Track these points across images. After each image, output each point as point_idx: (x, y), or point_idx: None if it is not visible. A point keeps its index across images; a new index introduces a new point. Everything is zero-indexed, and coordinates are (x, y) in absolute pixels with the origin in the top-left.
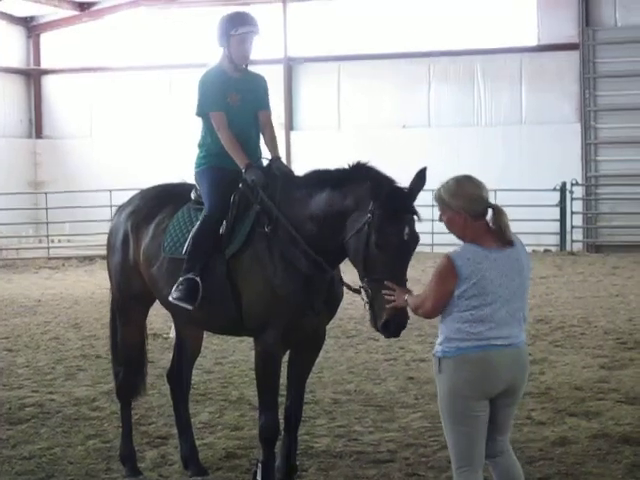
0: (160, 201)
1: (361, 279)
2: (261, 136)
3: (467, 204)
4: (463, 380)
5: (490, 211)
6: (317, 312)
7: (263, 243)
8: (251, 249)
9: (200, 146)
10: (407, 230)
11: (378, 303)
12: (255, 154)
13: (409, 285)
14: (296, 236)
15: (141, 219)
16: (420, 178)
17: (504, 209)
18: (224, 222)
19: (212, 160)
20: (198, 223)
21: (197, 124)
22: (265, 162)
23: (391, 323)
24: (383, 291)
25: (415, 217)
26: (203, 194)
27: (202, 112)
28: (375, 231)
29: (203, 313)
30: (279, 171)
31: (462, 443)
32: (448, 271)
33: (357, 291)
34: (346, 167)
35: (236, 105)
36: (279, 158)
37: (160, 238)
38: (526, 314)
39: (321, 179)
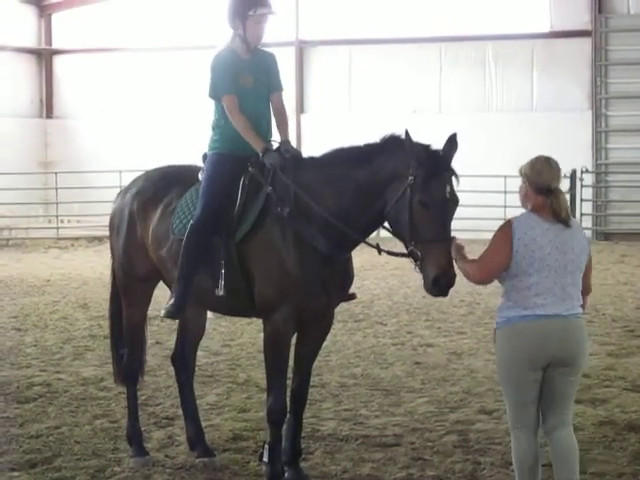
0: (166, 182)
1: (409, 244)
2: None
3: (532, 177)
4: (512, 350)
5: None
6: (329, 293)
7: (275, 225)
8: (262, 232)
9: (214, 128)
10: (448, 189)
11: (428, 263)
12: (266, 136)
13: None
14: (322, 213)
15: (148, 200)
16: (452, 142)
17: (564, 194)
18: (236, 206)
19: (224, 145)
20: (187, 231)
21: (207, 106)
22: (274, 144)
23: (441, 279)
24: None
25: (454, 178)
26: (202, 184)
27: (215, 95)
28: (419, 190)
29: (215, 296)
30: (288, 154)
31: (515, 407)
32: (506, 231)
33: (404, 255)
34: (377, 141)
35: (249, 87)
36: (288, 141)
37: (169, 220)
38: (578, 293)
39: (350, 156)
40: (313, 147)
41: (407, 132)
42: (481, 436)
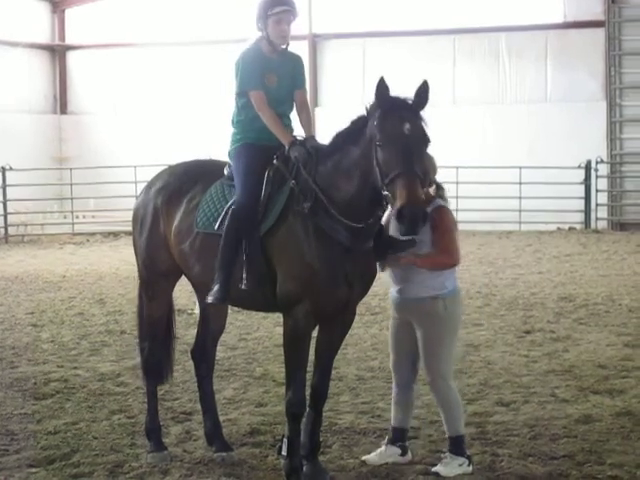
0: (190, 177)
1: (382, 191)
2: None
3: (434, 174)
4: (460, 312)
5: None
6: (351, 286)
7: (298, 218)
8: (285, 225)
9: (234, 124)
10: (407, 125)
11: (393, 198)
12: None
13: None
14: (331, 211)
15: (172, 195)
16: (422, 90)
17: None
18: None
19: (247, 136)
20: (229, 216)
21: (221, 100)
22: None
23: (404, 210)
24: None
25: (421, 121)
26: (236, 176)
27: (242, 90)
28: (378, 131)
29: (239, 291)
30: (313, 149)
31: (451, 361)
32: (453, 216)
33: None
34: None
35: (273, 86)
36: (314, 137)
37: (193, 214)
38: None
39: (344, 136)
40: (327, 141)
41: (382, 80)
42: (499, 428)
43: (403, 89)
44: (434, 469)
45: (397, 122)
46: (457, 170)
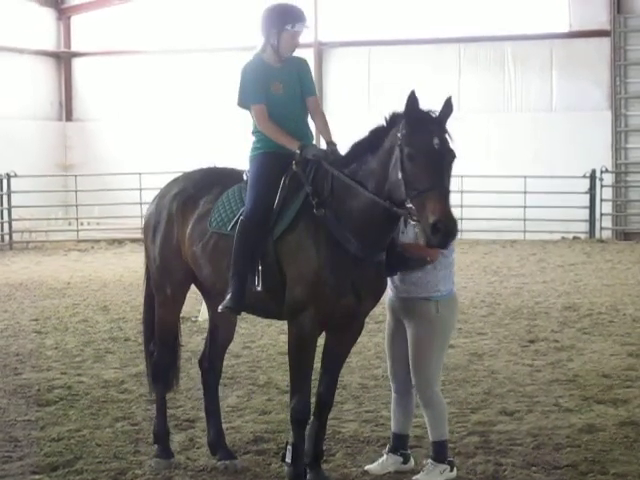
0: (206, 183)
1: (406, 202)
2: (311, 122)
3: None
4: (455, 317)
5: None
6: (359, 296)
7: (310, 224)
8: (297, 231)
9: (254, 133)
10: (437, 140)
11: (424, 212)
12: (307, 137)
13: None
14: (363, 192)
15: (187, 200)
16: (447, 105)
17: None
18: (275, 203)
19: (267, 144)
20: (238, 226)
21: (227, 108)
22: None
23: (439, 224)
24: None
25: (447, 136)
26: (249, 185)
27: (244, 104)
28: (406, 145)
29: (254, 296)
30: (333, 155)
31: (440, 368)
32: None
33: (404, 213)
34: (382, 124)
35: (279, 94)
36: (334, 143)
37: (206, 217)
38: None
39: (364, 146)
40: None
41: (412, 93)
42: (502, 437)
43: (406, 98)
44: (415, 477)
45: (428, 136)
46: (461, 179)
